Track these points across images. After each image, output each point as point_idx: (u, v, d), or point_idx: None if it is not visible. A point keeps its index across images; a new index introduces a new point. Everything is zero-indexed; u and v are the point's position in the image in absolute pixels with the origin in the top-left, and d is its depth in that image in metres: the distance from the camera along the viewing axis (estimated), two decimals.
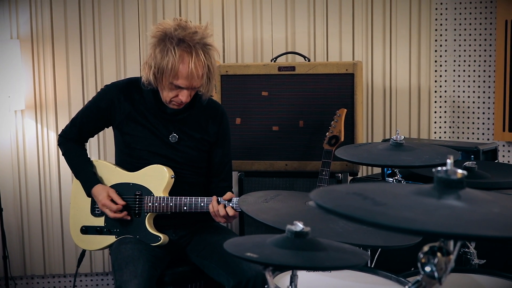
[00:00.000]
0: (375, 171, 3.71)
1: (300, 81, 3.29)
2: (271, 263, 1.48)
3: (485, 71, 3.73)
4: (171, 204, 2.65)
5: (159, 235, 2.67)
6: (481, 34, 3.73)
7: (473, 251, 2.41)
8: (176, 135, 2.71)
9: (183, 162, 2.73)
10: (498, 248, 2.79)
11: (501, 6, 3.60)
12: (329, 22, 3.77)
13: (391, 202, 1.13)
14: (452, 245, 1.17)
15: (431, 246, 1.18)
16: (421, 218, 1.05)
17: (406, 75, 3.80)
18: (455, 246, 1.17)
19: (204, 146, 2.76)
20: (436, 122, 3.85)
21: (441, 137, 3.85)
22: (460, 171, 1.19)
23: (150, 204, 2.68)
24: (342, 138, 3.06)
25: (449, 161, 1.18)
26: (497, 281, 2.17)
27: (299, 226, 1.57)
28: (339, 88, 3.26)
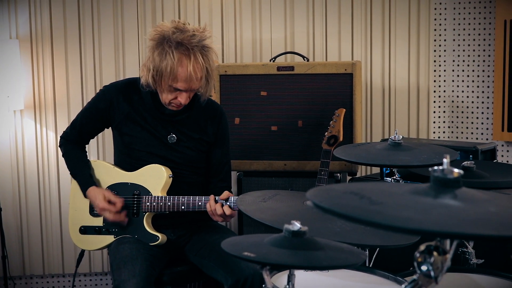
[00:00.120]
0: (374, 171, 3.71)
1: (299, 81, 3.29)
2: (268, 263, 1.49)
3: (484, 71, 3.73)
4: (169, 203, 2.65)
5: (157, 234, 2.67)
6: (480, 34, 3.73)
7: (471, 250, 2.41)
8: (174, 136, 2.71)
9: (182, 162, 2.73)
10: (496, 247, 2.79)
11: (500, 6, 3.60)
12: (328, 22, 3.77)
13: (388, 201, 1.13)
14: (448, 244, 1.17)
15: (428, 245, 1.17)
16: (417, 217, 1.04)
17: (405, 75, 3.80)
18: (451, 245, 1.17)
19: (203, 146, 2.76)
20: (435, 122, 3.85)
21: (440, 137, 3.84)
22: (456, 170, 1.19)
23: (148, 203, 2.68)
24: (341, 138, 3.06)
25: (445, 161, 1.18)
26: (495, 280, 2.17)
27: (297, 225, 1.57)
28: (338, 88, 3.26)
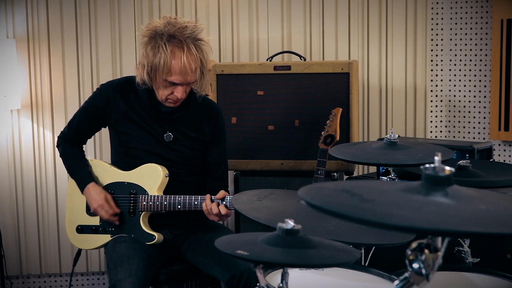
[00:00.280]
0: (371, 170, 3.71)
1: (295, 80, 3.29)
2: (261, 261, 1.49)
3: (481, 70, 3.73)
4: (165, 203, 2.65)
5: (154, 234, 2.68)
6: (477, 33, 3.73)
7: (467, 249, 2.40)
8: (171, 134, 2.71)
9: (178, 161, 2.73)
10: (492, 246, 2.79)
11: (497, 5, 3.60)
12: (325, 21, 3.77)
13: (379, 199, 1.13)
14: (440, 242, 1.17)
15: (419, 243, 1.18)
16: (407, 214, 1.05)
17: (402, 74, 3.80)
18: (443, 242, 1.17)
19: (199, 145, 2.76)
20: (432, 121, 3.85)
21: (437, 136, 3.84)
22: (448, 168, 1.19)
23: (144, 203, 2.68)
24: (337, 137, 3.06)
25: (436, 158, 1.18)
26: (491, 279, 2.17)
27: (290, 223, 1.57)
28: (334, 87, 3.25)
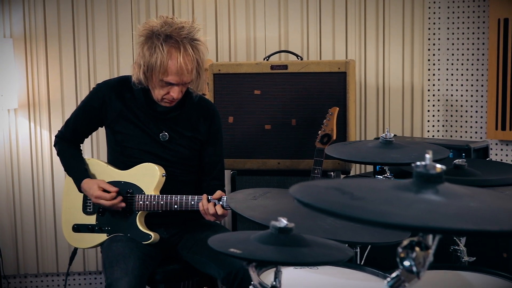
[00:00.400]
0: (368, 169, 3.71)
1: (292, 79, 3.29)
2: (254, 259, 1.49)
3: (478, 69, 3.73)
4: (162, 202, 2.65)
5: (150, 233, 2.67)
6: (474, 32, 3.73)
7: (463, 248, 2.41)
8: (167, 134, 2.71)
9: (174, 160, 2.73)
10: (488, 245, 2.79)
11: (494, 4, 3.60)
12: (322, 20, 3.78)
13: (369, 196, 1.13)
14: (431, 240, 1.17)
15: (410, 240, 1.18)
16: (397, 212, 1.05)
17: (399, 73, 3.80)
18: (433, 240, 1.17)
19: (195, 144, 2.76)
20: (429, 120, 3.85)
21: (434, 136, 3.84)
22: (439, 166, 1.19)
23: (141, 202, 2.68)
24: (334, 136, 3.06)
25: (427, 156, 1.18)
26: (486, 278, 2.16)
27: (283, 222, 1.57)
28: (331, 86, 3.26)
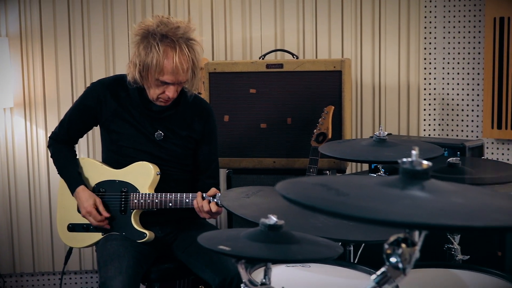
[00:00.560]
0: (364, 168, 3.71)
1: (288, 78, 3.29)
2: (243, 256, 1.49)
3: (474, 68, 3.73)
4: (157, 200, 2.65)
5: (145, 231, 2.68)
6: (470, 31, 3.73)
7: (457, 247, 2.41)
8: (161, 133, 2.71)
9: (169, 159, 2.73)
10: (482, 243, 2.79)
11: (490, 3, 3.60)
12: (318, 19, 3.78)
13: (355, 192, 1.13)
14: (417, 236, 1.17)
15: (397, 237, 1.18)
16: (382, 207, 1.05)
17: (395, 72, 3.80)
18: (420, 236, 1.17)
19: (190, 143, 2.76)
20: (425, 119, 3.85)
21: (430, 135, 3.84)
22: (425, 162, 1.19)
23: (135, 201, 2.68)
24: (329, 135, 3.06)
25: (414, 152, 1.18)
26: (480, 277, 2.16)
27: (273, 219, 1.57)
28: (327, 85, 3.25)
